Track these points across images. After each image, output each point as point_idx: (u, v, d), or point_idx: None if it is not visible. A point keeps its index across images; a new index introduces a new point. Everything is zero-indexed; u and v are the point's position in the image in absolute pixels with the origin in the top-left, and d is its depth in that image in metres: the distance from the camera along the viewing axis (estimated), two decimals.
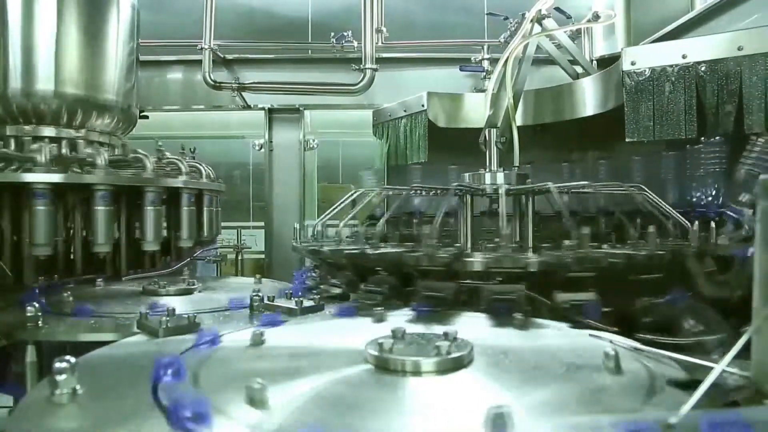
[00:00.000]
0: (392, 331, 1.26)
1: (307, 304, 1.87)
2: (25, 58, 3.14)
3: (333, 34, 5.59)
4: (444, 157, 3.44)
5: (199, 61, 5.42)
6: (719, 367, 0.95)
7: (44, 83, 3.14)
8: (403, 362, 1.13)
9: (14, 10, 3.13)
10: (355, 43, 5.42)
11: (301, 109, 5.85)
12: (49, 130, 3.22)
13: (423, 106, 3.43)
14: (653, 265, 1.87)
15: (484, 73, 5.30)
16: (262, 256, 5.86)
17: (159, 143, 3.67)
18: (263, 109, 5.85)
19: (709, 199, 2.34)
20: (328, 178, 6.69)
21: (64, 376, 0.99)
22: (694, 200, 2.42)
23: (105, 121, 3.42)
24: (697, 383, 0.94)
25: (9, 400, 2.15)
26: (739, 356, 1.00)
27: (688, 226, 2.08)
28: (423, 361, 1.12)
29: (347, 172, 6.76)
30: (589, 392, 1.03)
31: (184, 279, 2.54)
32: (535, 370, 1.18)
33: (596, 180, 2.88)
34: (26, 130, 3.18)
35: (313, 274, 2.58)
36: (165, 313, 1.61)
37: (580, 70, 3.36)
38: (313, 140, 5.98)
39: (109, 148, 3.51)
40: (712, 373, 0.93)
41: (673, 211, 2.18)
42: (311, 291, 2.29)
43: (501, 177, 2.47)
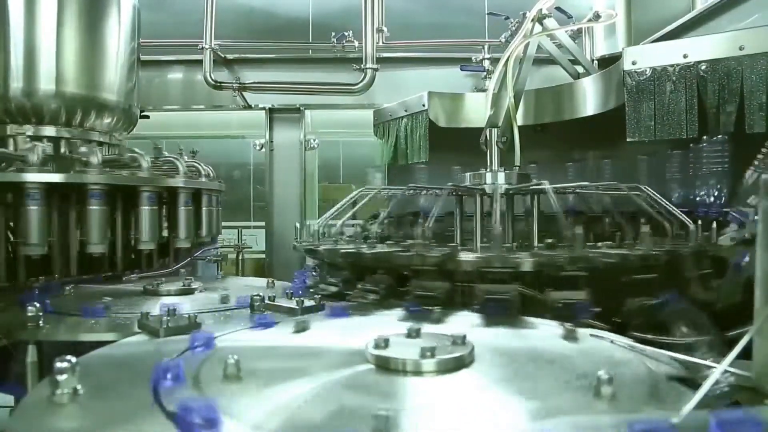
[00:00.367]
0: (394, 331, 1.26)
1: (308, 303, 1.87)
2: (27, 57, 3.14)
3: (334, 33, 5.60)
4: (450, 157, 3.43)
5: (200, 61, 5.43)
6: (721, 367, 0.95)
7: (46, 83, 3.15)
8: (404, 362, 1.12)
9: (15, 10, 3.14)
10: (356, 43, 5.43)
11: (302, 109, 5.85)
12: (50, 130, 3.22)
13: (424, 105, 3.43)
14: (646, 265, 1.87)
15: (485, 73, 5.30)
16: (263, 256, 5.86)
17: (156, 142, 3.66)
18: (264, 108, 5.86)
19: (712, 198, 2.33)
20: (329, 178, 6.69)
21: (65, 376, 0.99)
22: (698, 200, 2.41)
23: (106, 121, 3.42)
24: (695, 380, 0.94)
25: (10, 400, 2.15)
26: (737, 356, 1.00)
27: (689, 226, 2.08)
28: (424, 361, 1.12)
29: (348, 172, 6.76)
30: (591, 392, 1.03)
31: (188, 279, 2.55)
32: (536, 369, 1.18)
33: (601, 180, 2.88)
34: (27, 130, 3.18)
35: (314, 273, 2.58)
36: (165, 312, 1.61)
37: (581, 69, 3.36)
38: (314, 140, 5.97)
39: (110, 148, 3.51)
40: (714, 373, 0.93)
41: (677, 211, 2.17)
42: (309, 290, 2.29)
43: (502, 177, 2.47)
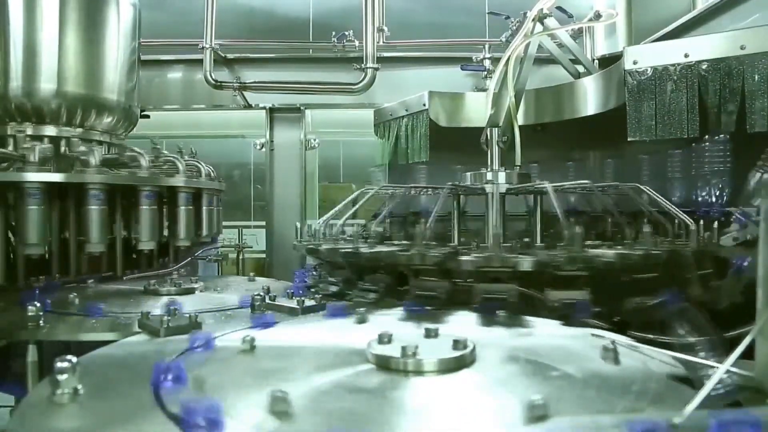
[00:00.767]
0: (394, 331, 1.25)
1: (309, 303, 1.87)
2: (27, 57, 3.13)
3: (334, 33, 5.59)
4: (454, 156, 3.42)
5: (200, 61, 5.42)
6: (723, 367, 0.95)
7: (46, 82, 3.14)
8: (405, 362, 1.12)
9: (16, 10, 3.13)
10: (357, 43, 5.42)
11: (302, 108, 5.85)
12: (50, 129, 3.21)
13: (424, 105, 3.43)
14: (645, 265, 1.86)
15: (486, 73, 5.30)
16: (263, 256, 5.86)
17: (155, 142, 3.64)
18: (264, 108, 5.85)
19: (713, 198, 2.33)
20: (329, 178, 6.69)
21: (65, 376, 0.99)
22: (699, 200, 2.41)
23: (106, 121, 3.41)
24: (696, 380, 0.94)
25: (10, 400, 2.15)
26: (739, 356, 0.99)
27: (690, 226, 2.08)
28: (425, 361, 1.12)
29: (348, 172, 6.76)
30: (592, 392, 1.03)
31: (191, 279, 2.55)
32: (537, 369, 1.18)
33: (603, 179, 2.87)
34: (27, 129, 3.17)
35: (314, 272, 2.58)
36: (166, 312, 1.61)
37: (581, 69, 3.35)
38: (314, 140, 5.97)
39: (111, 147, 3.51)
40: (716, 373, 0.93)
41: (678, 210, 2.17)
42: (309, 289, 2.29)
43: (502, 176, 2.47)
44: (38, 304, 1.85)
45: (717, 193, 2.33)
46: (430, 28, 5.85)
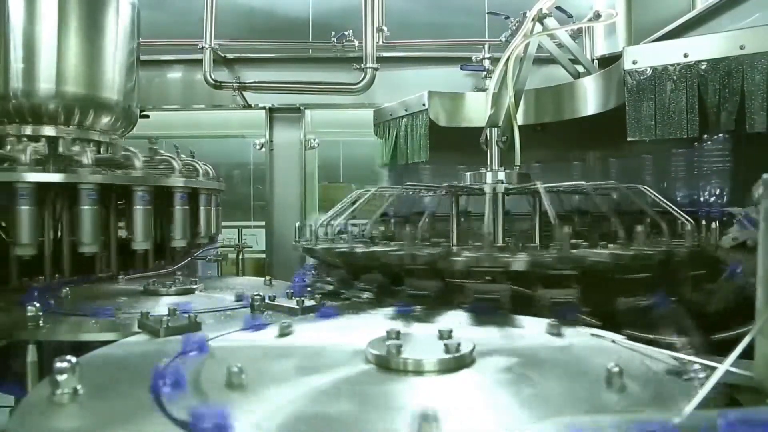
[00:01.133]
0: (395, 330, 1.25)
1: (308, 303, 1.87)
2: (27, 57, 3.13)
3: (334, 33, 5.59)
4: (456, 156, 3.42)
5: (200, 61, 5.42)
6: (723, 367, 0.95)
7: (46, 82, 3.14)
8: (405, 362, 1.12)
9: (15, 10, 3.13)
10: (356, 43, 5.42)
11: (302, 108, 5.84)
12: (50, 130, 3.21)
13: (424, 105, 3.42)
14: (636, 265, 1.86)
15: (485, 73, 5.29)
16: (263, 256, 5.85)
17: (152, 141, 3.64)
18: (264, 108, 5.85)
19: (713, 198, 2.33)
20: (329, 178, 6.68)
21: (65, 376, 0.99)
22: (701, 200, 2.41)
23: (106, 121, 3.41)
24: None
25: (10, 400, 2.15)
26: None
27: (688, 226, 2.08)
28: (425, 361, 1.12)
29: (348, 172, 6.76)
30: (592, 392, 1.03)
31: (191, 279, 2.55)
32: (537, 369, 1.18)
33: (605, 179, 2.87)
34: (26, 130, 3.17)
35: (312, 272, 2.58)
36: (166, 312, 1.61)
37: (581, 69, 3.35)
38: (314, 139, 5.97)
39: (109, 148, 3.50)
40: (716, 372, 0.93)
41: (677, 210, 2.17)
42: (306, 288, 2.29)
43: (502, 176, 2.47)
44: (37, 304, 1.84)
45: (718, 193, 2.33)
46: (430, 28, 5.85)
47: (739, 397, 1.05)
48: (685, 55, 2.36)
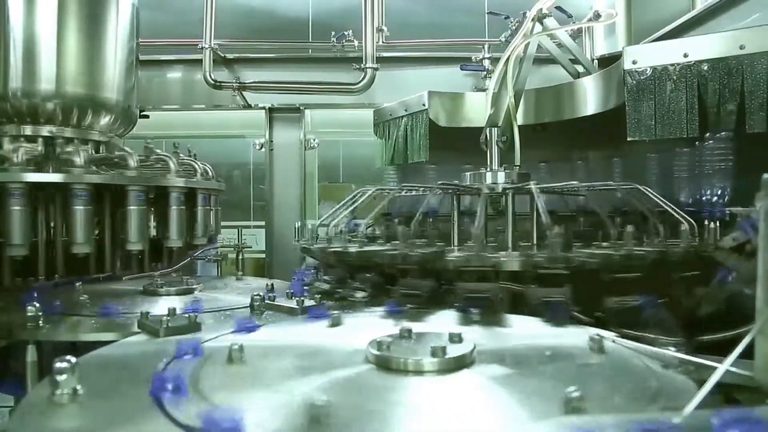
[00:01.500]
0: (398, 330, 1.25)
1: (308, 303, 1.87)
2: (26, 57, 3.13)
3: (333, 33, 5.59)
4: (457, 156, 3.42)
5: (200, 61, 5.42)
6: (723, 367, 0.95)
7: (45, 82, 3.14)
8: (405, 362, 1.12)
9: (15, 10, 3.13)
10: (356, 43, 5.42)
11: (302, 108, 5.84)
12: (49, 130, 3.21)
13: (424, 105, 3.42)
14: (626, 266, 1.86)
15: (485, 73, 5.30)
16: (263, 256, 5.85)
17: (148, 141, 3.63)
18: (264, 108, 5.85)
19: (714, 198, 2.33)
20: (329, 178, 6.69)
21: (64, 376, 0.99)
22: (704, 199, 2.41)
23: (105, 121, 3.41)
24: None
25: (9, 400, 2.15)
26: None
27: (684, 226, 2.07)
28: (426, 361, 1.12)
29: (348, 172, 6.76)
30: (592, 392, 1.03)
31: (191, 279, 2.55)
32: (537, 369, 1.18)
33: (606, 179, 2.86)
34: (26, 130, 3.17)
35: (311, 272, 2.58)
36: (165, 312, 1.61)
37: (581, 69, 3.35)
38: (314, 139, 5.97)
39: (107, 147, 3.50)
40: (716, 372, 0.93)
41: (676, 210, 2.17)
42: (304, 287, 2.29)
43: (502, 176, 2.47)
44: (37, 305, 1.84)
45: (719, 193, 2.33)
46: (430, 28, 5.85)
47: (739, 397, 1.05)
48: (685, 55, 2.36)
